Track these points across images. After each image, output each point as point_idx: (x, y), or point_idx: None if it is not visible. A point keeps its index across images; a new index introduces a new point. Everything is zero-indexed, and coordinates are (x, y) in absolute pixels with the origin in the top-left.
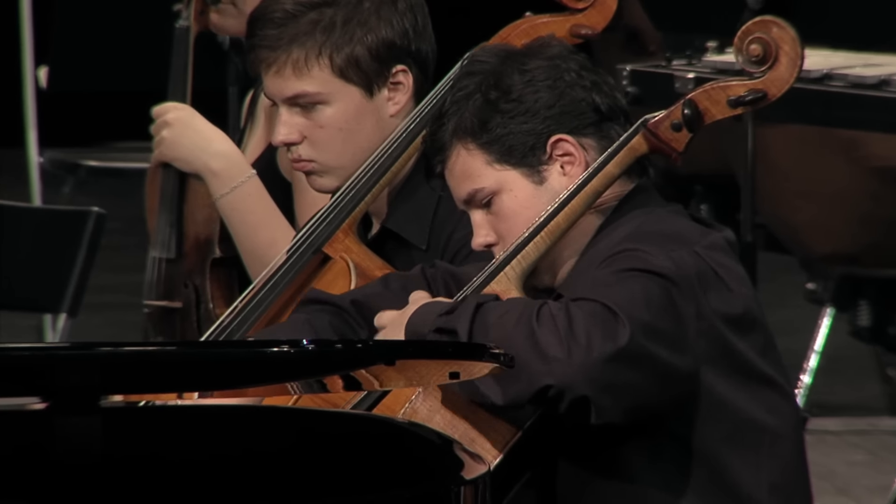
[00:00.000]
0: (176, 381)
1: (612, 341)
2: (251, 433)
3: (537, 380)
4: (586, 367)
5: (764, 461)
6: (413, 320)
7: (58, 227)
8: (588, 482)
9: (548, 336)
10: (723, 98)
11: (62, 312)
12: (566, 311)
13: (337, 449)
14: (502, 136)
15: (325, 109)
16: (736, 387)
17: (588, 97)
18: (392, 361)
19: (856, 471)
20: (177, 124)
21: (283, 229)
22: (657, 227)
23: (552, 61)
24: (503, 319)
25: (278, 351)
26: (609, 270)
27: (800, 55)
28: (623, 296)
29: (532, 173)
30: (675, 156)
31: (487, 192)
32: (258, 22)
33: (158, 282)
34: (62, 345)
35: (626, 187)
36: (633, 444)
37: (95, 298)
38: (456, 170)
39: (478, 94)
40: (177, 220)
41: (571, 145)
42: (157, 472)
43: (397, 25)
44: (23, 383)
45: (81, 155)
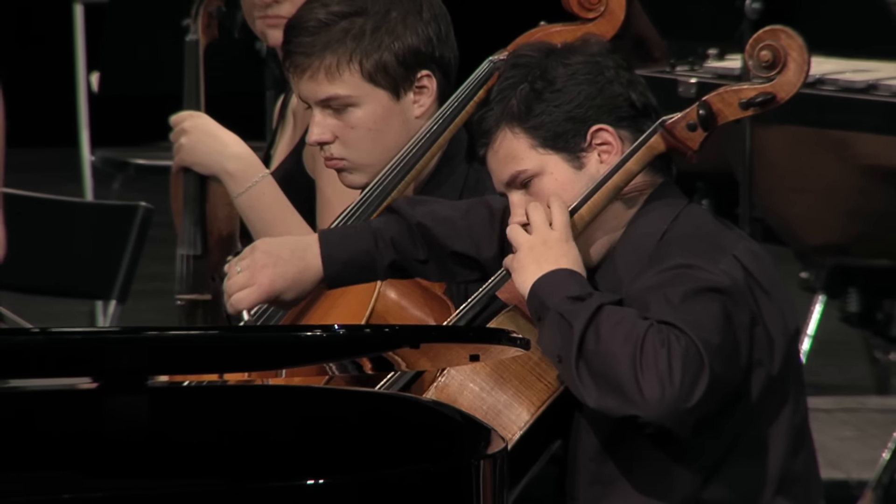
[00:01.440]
0: (217, 363)
1: (699, 387)
2: (285, 411)
3: (630, 408)
4: (675, 410)
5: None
6: (542, 285)
7: (108, 220)
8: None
9: (649, 372)
10: (735, 100)
11: (112, 299)
12: (667, 348)
13: (364, 426)
14: (546, 123)
15: (355, 111)
16: (768, 384)
17: (625, 93)
18: (417, 345)
19: (846, 445)
20: (193, 131)
21: (296, 224)
22: (695, 229)
23: (593, 58)
24: (615, 332)
25: (312, 335)
26: (679, 290)
27: (806, 61)
28: (700, 324)
29: (572, 158)
30: (691, 154)
31: (529, 173)
32: (294, 30)
33: (188, 277)
34: (112, 329)
35: (656, 179)
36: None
37: (143, 286)
38: (501, 152)
39: (524, 84)
40: (200, 219)
41: (610, 135)
42: (199, 447)
43: (422, 34)
44: (76, 365)
45: (130, 154)
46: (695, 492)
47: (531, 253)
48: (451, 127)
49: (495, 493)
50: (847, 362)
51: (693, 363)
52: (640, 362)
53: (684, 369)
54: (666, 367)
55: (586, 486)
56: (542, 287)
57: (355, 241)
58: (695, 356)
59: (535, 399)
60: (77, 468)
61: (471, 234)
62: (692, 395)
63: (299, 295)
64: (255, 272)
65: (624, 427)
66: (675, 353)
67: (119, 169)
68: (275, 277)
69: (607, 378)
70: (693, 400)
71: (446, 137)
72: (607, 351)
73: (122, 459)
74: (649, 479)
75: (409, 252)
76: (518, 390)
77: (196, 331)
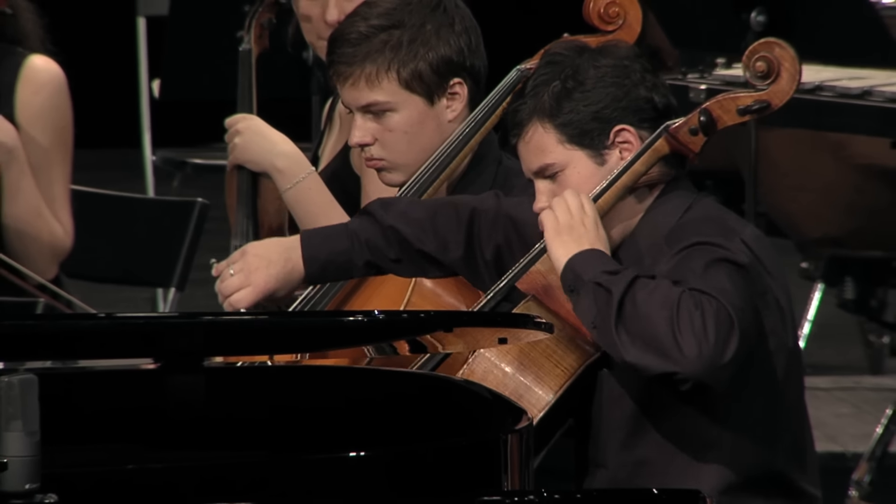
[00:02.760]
0: (267, 345)
1: (732, 344)
2: (329, 389)
3: (670, 365)
4: (712, 366)
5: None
6: (576, 262)
7: (168, 215)
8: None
9: (686, 331)
10: (733, 107)
11: (172, 287)
12: (701, 309)
13: (402, 403)
14: (575, 121)
15: (393, 116)
16: (788, 356)
17: (649, 95)
18: (450, 328)
19: (842, 421)
20: (246, 132)
21: (338, 216)
22: (706, 215)
23: (621, 61)
24: (651, 297)
25: (354, 320)
26: (702, 262)
27: (798, 71)
28: (725, 289)
29: (595, 155)
30: (692, 156)
31: (557, 167)
32: (337, 42)
33: None
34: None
35: (670, 172)
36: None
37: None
38: (531, 144)
39: (556, 82)
40: (252, 212)
41: (631, 135)
42: (250, 422)
43: (454, 44)
44: (139, 347)
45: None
46: (715, 453)
47: (571, 231)
48: (481, 130)
49: (521, 464)
50: (844, 345)
51: (725, 323)
52: (678, 324)
53: (718, 329)
54: (701, 327)
55: (616, 453)
56: (577, 262)
57: (333, 241)
58: (725, 317)
59: (554, 384)
60: (140, 441)
61: (436, 235)
62: (726, 351)
63: (290, 292)
64: (249, 274)
65: (647, 397)
66: (708, 314)
67: (178, 168)
68: (268, 278)
69: (646, 339)
70: (727, 356)
71: (477, 140)
72: (646, 314)
73: (180, 433)
74: (673, 443)
75: (382, 252)
76: (538, 376)
77: (248, 316)
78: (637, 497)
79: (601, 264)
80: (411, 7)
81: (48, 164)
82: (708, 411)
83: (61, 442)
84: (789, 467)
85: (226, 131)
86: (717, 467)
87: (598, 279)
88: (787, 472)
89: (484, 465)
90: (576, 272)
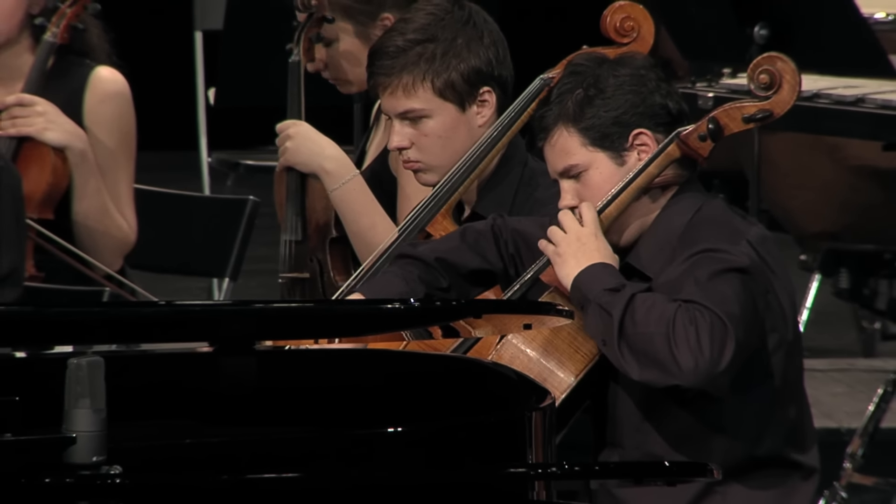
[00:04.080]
0: (313, 330)
1: (727, 353)
2: (368, 371)
3: (669, 379)
4: (709, 376)
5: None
6: (583, 279)
7: (222, 212)
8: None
9: (682, 347)
10: (738, 116)
11: (226, 277)
12: (695, 325)
13: (436, 383)
14: (596, 125)
15: (428, 122)
16: (787, 348)
17: (664, 102)
18: (479, 315)
19: (838, 400)
20: (296, 137)
21: (380, 215)
22: (715, 218)
23: (638, 71)
24: (648, 316)
25: (392, 307)
26: (706, 271)
27: (798, 82)
28: (724, 299)
29: (615, 156)
30: (701, 160)
31: (580, 167)
32: (376, 54)
33: (289, 258)
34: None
35: (683, 174)
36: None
37: (251, 266)
38: (557, 147)
39: (579, 90)
40: (300, 210)
41: (649, 138)
42: (297, 401)
43: (483, 56)
44: (195, 332)
45: (241, 156)
46: (721, 436)
47: (568, 249)
48: (508, 134)
49: (545, 439)
50: (839, 330)
51: (718, 333)
52: (674, 339)
53: (712, 340)
54: (696, 341)
55: (631, 434)
56: (581, 281)
57: (391, 287)
58: (720, 328)
59: (574, 368)
60: (196, 418)
61: (476, 252)
62: (721, 360)
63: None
64: None
65: (659, 388)
66: (702, 327)
67: (231, 169)
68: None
69: (647, 355)
70: (722, 365)
71: (504, 142)
72: (644, 332)
73: (233, 411)
74: (684, 428)
75: (433, 284)
76: (560, 361)
77: (295, 303)
78: (650, 468)
79: (602, 281)
80: (444, 22)
81: (114, 166)
82: (715, 400)
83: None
84: (790, 446)
85: (276, 135)
86: (723, 449)
87: (599, 300)
88: (788, 451)
89: (510, 440)
90: (581, 291)
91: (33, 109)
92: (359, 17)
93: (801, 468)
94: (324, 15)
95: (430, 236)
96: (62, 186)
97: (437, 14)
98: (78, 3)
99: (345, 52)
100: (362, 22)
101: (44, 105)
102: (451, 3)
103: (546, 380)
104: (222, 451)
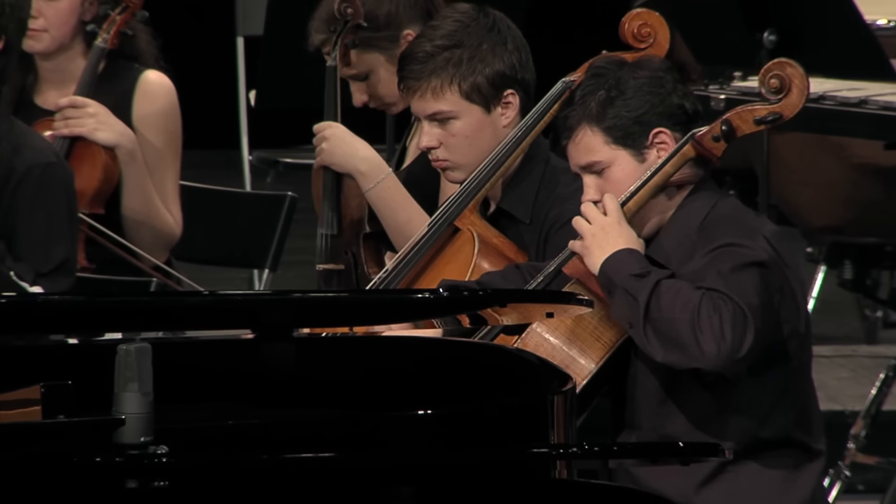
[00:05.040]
0: (347, 318)
1: (747, 342)
2: (401, 356)
3: (692, 362)
4: (729, 361)
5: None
6: (609, 265)
7: (262, 207)
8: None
9: (706, 333)
10: (750, 118)
11: (266, 268)
12: (719, 313)
13: (464, 367)
14: (618, 124)
15: (455, 123)
16: (799, 338)
17: (681, 102)
18: (505, 304)
19: (842, 384)
20: (332, 138)
21: (415, 210)
22: (731, 214)
23: (656, 73)
24: (674, 302)
25: (422, 297)
26: (729, 264)
27: (807, 87)
28: (745, 291)
29: (636, 154)
30: (715, 160)
31: (603, 164)
32: (406, 59)
33: (325, 251)
34: (266, 292)
35: (699, 172)
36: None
37: (290, 258)
38: (580, 145)
39: (602, 91)
40: (336, 206)
41: (668, 136)
42: (333, 385)
43: (507, 61)
44: (237, 320)
45: (280, 154)
46: (734, 418)
47: (594, 239)
48: (531, 134)
49: (566, 420)
50: (843, 318)
51: (739, 323)
52: (699, 325)
53: (734, 329)
54: (719, 328)
55: (648, 417)
56: (608, 267)
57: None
58: (741, 317)
59: (596, 355)
60: (238, 400)
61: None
62: (741, 348)
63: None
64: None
65: (677, 373)
66: (725, 316)
67: (271, 166)
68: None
69: (671, 339)
70: (742, 352)
71: (528, 142)
72: (669, 317)
73: (273, 394)
74: (699, 411)
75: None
76: (582, 349)
77: (331, 293)
78: (665, 448)
79: (628, 267)
80: (470, 29)
81: (161, 164)
82: (730, 385)
83: (171, 401)
84: (799, 430)
85: (314, 135)
86: (736, 430)
87: (625, 284)
88: (797, 434)
89: (534, 422)
90: (608, 276)
91: (85, 111)
92: (382, 43)
93: (808, 450)
94: (359, 23)
95: (457, 230)
96: (112, 183)
97: (464, 21)
98: (127, 10)
99: (381, 81)
100: (387, 47)
101: (95, 107)
102: (477, 11)
103: (568, 366)
104: (263, 432)
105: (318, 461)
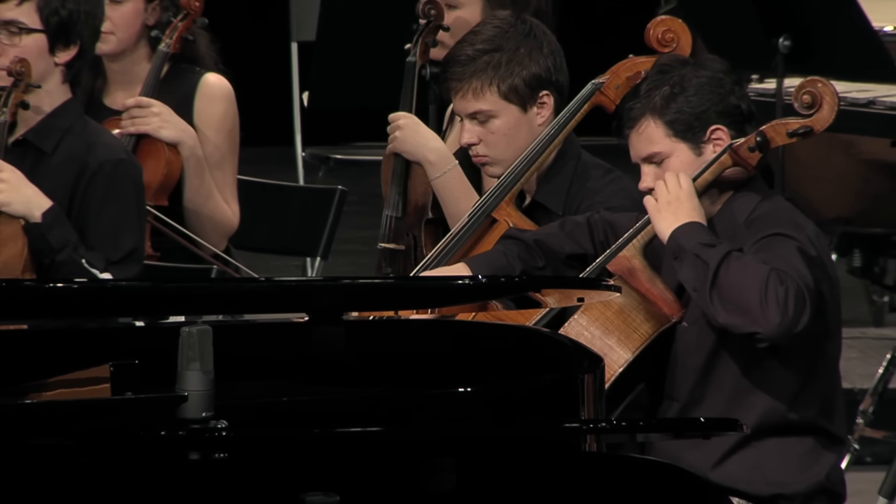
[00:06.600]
0: (393, 302)
1: (804, 318)
2: (442, 337)
3: (753, 327)
4: (787, 333)
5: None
6: (679, 234)
7: (315, 199)
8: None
9: (772, 302)
10: (783, 131)
11: (318, 257)
12: (785, 286)
13: (502, 349)
14: (680, 119)
15: (494, 121)
16: (817, 331)
17: (738, 103)
18: (538, 290)
19: (851, 363)
20: (405, 128)
21: (475, 200)
22: (779, 209)
23: (717, 74)
24: (744, 270)
25: (462, 283)
26: (784, 248)
27: (837, 103)
28: (803, 274)
29: (694, 148)
30: (750, 168)
31: (662, 154)
32: (449, 62)
33: (389, 231)
34: (318, 279)
35: (741, 179)
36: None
37: (340, 247)
38: (643, 135)
39: (666, 87)
40: (403, 190)
41: (724, 133)
42: (380, 364)
43: (543, 64)
44: (291, 304)
45: (331, 151)
46: (763, 400)
47: (669, 206)
48: (564, 131)
49: (595, 398)
50: (853, 303)
51: (800, 300)
52: (766, 295)
53: (796, 304)
54: (784, 300)
55: (689, 391)
56: (679, 234)
57: (493, 262)
58: (802, 295)
59: (632, 346)
60: (292, 378)
61: (572, 239)
62: (799, 322)
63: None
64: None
65: (714, 356)
66: (790, 290)
67: (323, 162)
68: None
69: (736, 304)
70: (800, 326)
71: (560, 139)
72: (737, 284)
73: (324, 373)
74: (735, 388)
75: (530, 262)
76: (619, 339)
77: (379, 279)
78: (687, 423)
79: (699, 236)
80: (508, 34)
81: (220, 160)
82: (763, 366)
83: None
84: (821, 417)
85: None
86: (762, 410)
87: (696, 251)
88: (819, 419)
89: (566, 399)
90: (679, 243)
91: (150, 110)
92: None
93: (829, 436)
94: (440, 24)
95: (495, 220)
96: (175, 177)
97: (503, 27)
98: (188, 17)
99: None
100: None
101: (159, 106)
102: (515, 18)
103: (606, 355)
104: (315, 408)
105: (366, 435)
